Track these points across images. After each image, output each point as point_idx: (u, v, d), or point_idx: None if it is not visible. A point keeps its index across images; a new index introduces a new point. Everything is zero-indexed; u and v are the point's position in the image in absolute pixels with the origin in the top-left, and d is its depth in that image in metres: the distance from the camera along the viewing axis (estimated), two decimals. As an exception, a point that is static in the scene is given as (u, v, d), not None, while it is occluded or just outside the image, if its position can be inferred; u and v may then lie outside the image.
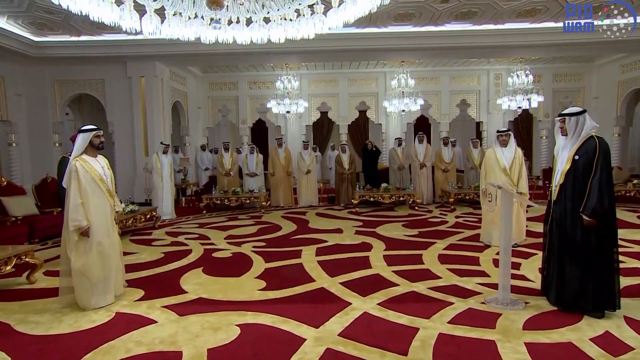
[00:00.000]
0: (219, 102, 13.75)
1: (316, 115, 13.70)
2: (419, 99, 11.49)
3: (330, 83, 13.53)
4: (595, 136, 3.29)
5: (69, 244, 3.74)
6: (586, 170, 3.23)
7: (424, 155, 10.00)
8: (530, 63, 12.41)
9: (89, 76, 10.28)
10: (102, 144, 3.97)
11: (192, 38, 4.27)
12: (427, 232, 6.76)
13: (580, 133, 3.33)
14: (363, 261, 5.11)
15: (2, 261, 4.18)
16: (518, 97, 11.33)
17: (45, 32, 8.74)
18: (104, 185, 3.90)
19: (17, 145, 9.95)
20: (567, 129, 3.40)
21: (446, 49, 9.68)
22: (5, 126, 9.85)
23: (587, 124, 3.32)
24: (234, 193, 9.45)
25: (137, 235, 7.11)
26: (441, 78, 13.35)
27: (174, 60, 10.46)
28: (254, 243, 6.30)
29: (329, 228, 7.28)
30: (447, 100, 13.36)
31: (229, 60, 10.85)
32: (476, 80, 13.44)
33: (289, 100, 11.42)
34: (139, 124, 10.31)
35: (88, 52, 9.39)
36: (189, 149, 12.74)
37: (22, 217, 6.38)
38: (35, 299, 4.07)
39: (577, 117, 3.36)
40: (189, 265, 5.18)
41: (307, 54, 9.95)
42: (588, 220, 3.21)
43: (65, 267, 3.87)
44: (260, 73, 13.35)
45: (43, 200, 7.29)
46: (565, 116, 3.42)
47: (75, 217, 3.68)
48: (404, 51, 9.98)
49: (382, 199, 9.07)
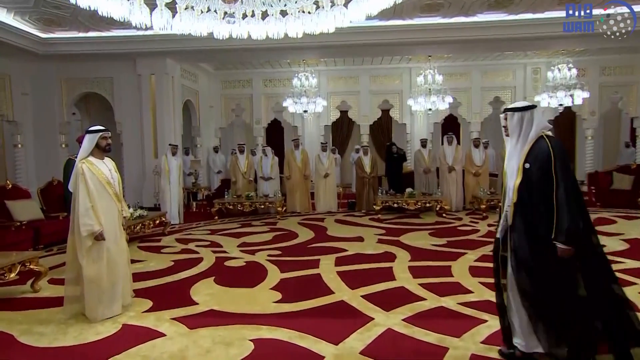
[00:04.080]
0: (232, 100, 13.88)
1: (335, 114, 13.69)
2: (447, 96, 11.36)
3: (350, 80, 13.51)
4: (545, 136, 2.76)
5: (80, 250, 3.81)
6: (542, 181, 2.67)
7: (453, 157, 9.87)
8: (573, 55, 12.04)
9: (97, 74, 10.52)
10: (109, 146, 4.04)
11: (205, 33, 4.31)
12: (457, 241, 6.67)
13: (527, 134, 2.79)
14: (386, 272, 5.07)
15: (6, 268, 4.29)
16: (559, 93, 11.01)
17: (53, 29, 8.98)
18: (111, 188, 3.96)
19: (22, 146, 10.23)
20: (510, 129, 2.86)
21: (478, 41, 9.53)
22: (11, 127, 10.15)
23: (535, 122, 2.79)
24: (247, 198, 9.51)
25: (146, 242, 7.21)
26: (472, 74, 13.15)
27: (185, 57, 10.61)
28: (269, 251, 6.32)
29: (349, 236, 7.25)
30: (478, 97, 13.16)
31: (244, 56, 10.95)
32: (511, 76, 13.18)
33: (306, 99, 11.44)
34: (148, 124, 10.49)
35: (96, 49, 9.61)
36: (201, 151, 12.89)
37: (27, 222, 6.54)
38: (39, 309, 4.16)
39: (521, 114, 2.81)
40: (199, 274, 5.21)
41: (326, 49, 9.95)
42: (564, 248, 2.59)
43: (70, 275, 3.94)
44: (276, 70, 13.44)
45: (48, 204, 7.47)
46: (508, 112, 2.88)
47: (86, 221, 3.75)
48: (431, 45, 9.86)
49: (406, 205, 9.00)
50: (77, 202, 3.80)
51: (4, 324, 3.81)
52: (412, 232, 7.49)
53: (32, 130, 10.43)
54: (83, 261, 3.81)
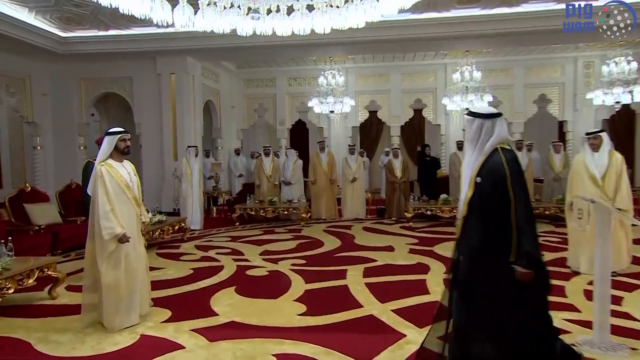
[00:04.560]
0: (254, 100, 14.04)
1: (364, 115, 13.67)
2: (486, 94, 11.16)
3: (380, 78, 13.46)
4: (500, 149, 2.66)
5: (100, 255, 3.90)
6: (494, 197, 2.61)
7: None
8: (632, 47, 11.51)
9: (116, 74, 10.84)
10: (128, 149, 4.13)
11: (228, 30, 4.38)
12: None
13: (484, 145, 2.70)
14: (419, 285, 5.01)
15: (25, 274, 4.44)
16: (616, 89, 10.49)
17: (73, 27, 9.30)
18: (130, 192, 4.06)
19: (41, 148, 10.64)
20: (468, 135, 2.79)
21: (522, 34, 9.27)
22: (31, 128, 10.57)
23: (495, 132, 2.68)
24: (270, 203, 9.58)
25: (164, 248, 7.34)
26: (514, 69, 12.86)
27: (206, 55, 10.80)
28: (293, 260, 6.33)
29: (379, 245, 7.21)
30: (521, 95, 12.86)
31: (267, 54, 11.06)
32: (559, 71, 12.79)
33: (332, 98, 11.46)
34: (168, 126, 10.72)
35: (116, 48, 9.89)
36: (221, 153, 13.07)
37: (45, 226, 6.76)
38: (56, 316, 4.29)
39: (481, 121, 2.72)
40: (220, 283, 5.28)
41: (355, 45, 9.94)
42: (524, 272, 2.54)
43: (88, 282, 4.05)
44: (301, 68, 13.52)
45: (66, 208, 7.71)
46: (468, 116, 2.81)
47: (107, 225, 3.84)
48: (469, 39, 9.69)
49: (441, 213, 8.89)
50: (97, 206, 3.90)
51: (21, 331, 3.94)
52: (448, 242, 7.34)
53: (51, 132, 10.83)
54: (102, 267, 3.90)
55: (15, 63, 9.72)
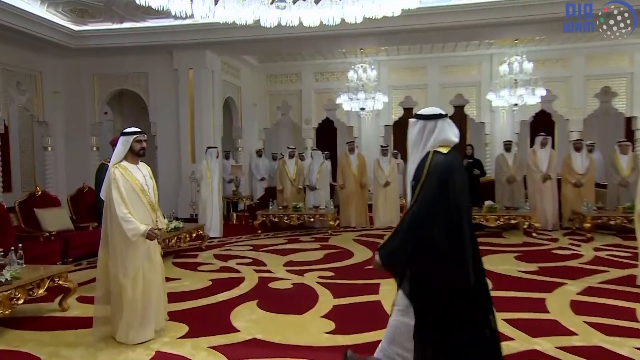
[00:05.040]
0: (278, 97, 14.14)
1: (398, 112, 13.58)
2: (538, 88, 10.86)
3: (417, 71, 13.36)
4: (434, 152, 2.79)
5: (118, 262, 3.95)
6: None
7: (548, 163, 9.46)
8: None
9: (131, 69, 11.09)
10: (144, 150, 4.18)
11: (251, 21, 4.41)
12: (552, 268, 6.38)
13: (425, 147, 2.85)
14: (461, 303, 4.90)
15: (35, 283, 4.55)
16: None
17: (86, 20, 9.57)
18: (145, 197, 4.11)
19: (52, 149, 10.97)
20: (410, 139, 2.93)
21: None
22: (41, 128, 10.89)
23: (435, 133, 2.82)
24: (295, 209, 9.60)
25: (181, 257, 7.44)
26: (572, 59, 12.37)
27: (227, 49, 10.94)
28: (320, 272, 6.32)
29: (415, 257, 7.10)
30: (580, 88, 12.36)
31: (293, 46, 11.13)
32: (627, 60, 12.15)
33: (364, 95, 11.44)
34: (185, 125, 10.89)
35: (130, 42, 10.12)
36: (242, 155, 13.19)
37: (56, 233, 6.94)
38: (67, 329, 4.38)
39: (424, 123, 2.88)
40: (241, 296, 5.30)
41: (389, 35, 9.90)
42: (376, 260, 2.91)
43: (101, 293, 4.11)
44: (328, 61, 13.54)
45: (78, 213, 7.91)
46: (411, 120, 2.98)
47: (129, 226, 3.89)
48: (519, 25, 9.38)
49: (485, 222, 8.76)
50: (112, 211, 3.95)
51: (32, 345, 4.04)
52: (493, 254, 7.27)
53: (62, 132, 11.16)
54: (119, 275, 3.94)
55: (25, 59, 10.04)
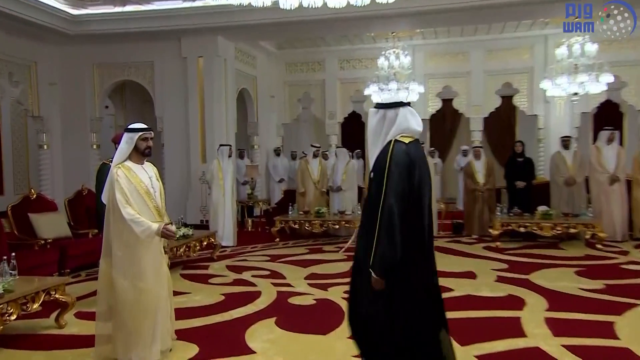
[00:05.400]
0: (298, 88, 14.19)
1: (435, 104, 13.51)
2: (604, 74, 10.52)
3: (457, 57, 13.26)
4: (395, 140, 2.95)
5: (120, 273, 3.99)
6: (377, 195, 2.91)
7: (615, 163, 9.29)
8: None
9: (135, 58, 11.26)
10: (149, 149, 4.20)
11: (269, 2, 4.43)
12: (622, 286, 6.25)
13: (385, 137, 3.02)
14: (511, 325, 4.86)
15: (29, 297, 4.62)
16: None
17: (85, 3, 9.76)
18: (151, 200, 4.14)
19: (48, 147, 11.18)
20: (369, 129, 3.13)
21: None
22: (36, 123, 11.11)
23: (397, 122, 2.99)
24: (317, 215, 9.60)
25: (190, 268, 7.51)
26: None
27: (242, 34, 11.01)
28: (346, 287, 6.24)
29: (455, 270, 7.09)
30: (656, 74, 12.01)
31: (315, 30, 11.15)
32: None
33: (396, 85, 11.40)
34: (195, 120, 10.99)
35: (134, 27, 10.27)
36: (258, 154, 13.27)
37: (53, 240, 7.05)
38: (64, 349, 4.45)
39: (384, 112, 3.06)
40: (257, 313, 5.31)
41: (425, 15, 9.86)
42: (374, 279, 2.89)
43: (102, 308, 4.15)
44: (356, 47, 13.54)
45: (77, 219, 8.04)
46: (371, 110, 3.16)
47: (140, 228, 3.91)
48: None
49: (539, 230, 8.66)
50: (115, 215, 3.99)
51: (24, 366, 4.12)
52: (549, 268, 7.19)
53: (59, 128, 11.38)
54: (122, 288, 3.97)
55: (18, 47, 10.24)
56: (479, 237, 9.65)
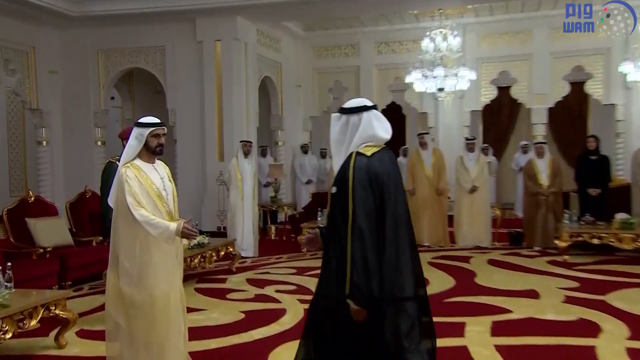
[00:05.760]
0: (329, 76, 14.19)
1: (490, 93, 13.42)
2: None
3: (517, 37, 13.13)
4: (357, 153, 2.94)
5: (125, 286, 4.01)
6: (344, 213, 2.87)
7: None
8: None
9: (144, 42, 11.36)
10: (161, 147, 4.19)
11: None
12: None
13: (348, 147, 3.03)
14: (584, 354, 4.78)
15: (26, 312, 4.67)
16: None
17: (89, -19, 9.90)
18: (162, 204, 4.14)
19: (48, 143, 11.35)
20: (332, 136, 3.17)
21: None
22: (35, 117, 11.29)
23: (360, 129, 3.01)
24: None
25: (206, 281, 7.56)
26: None
27: (264, 13, 11.03)
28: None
29: (514, 288, 7.04)
30: None
31: (348, 8, 11.11)
32: None
33: (443, 70, 11.32)
34: (211, 113, 11.02)
35: (144, 7, 10.34)
36: (283, 151, 13.29)
37: (52, 249, 7.15)
38: (65, 372, 4.51)
39: (347, 118, 3.07)
40: (281, 334, 5.30)
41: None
42: (354, 308, 2.83)
43: (111, 326, 4.17)
44: (395, 27, 13.49)
45: (79, 225, 8.16)
46: (334, 115, 3.19)
47: (156, 231, 3.91)
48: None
49: (617, 242, 8.49)
50: (123, 220, 4.00)
51: (21, 390, 4.18)
52: (630, 288, 7.06)
53: (60, 122, 11.56)
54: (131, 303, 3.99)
55: (15, 31, 10.38)
56: (542, 249, 9.53)
